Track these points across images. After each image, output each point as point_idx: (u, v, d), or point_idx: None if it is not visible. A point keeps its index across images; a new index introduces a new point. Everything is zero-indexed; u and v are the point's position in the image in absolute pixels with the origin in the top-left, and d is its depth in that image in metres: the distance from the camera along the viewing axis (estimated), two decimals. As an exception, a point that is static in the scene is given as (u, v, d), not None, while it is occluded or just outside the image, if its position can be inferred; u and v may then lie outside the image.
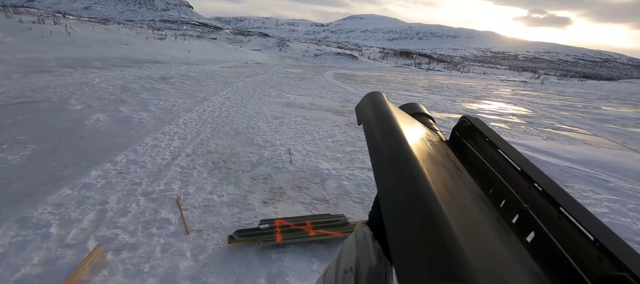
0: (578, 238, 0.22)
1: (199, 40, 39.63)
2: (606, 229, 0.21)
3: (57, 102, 5.11)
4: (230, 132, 4.32)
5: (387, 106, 0.31)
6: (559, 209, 0.24)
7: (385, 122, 0.26)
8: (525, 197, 0.28)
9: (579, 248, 0.21)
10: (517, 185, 0.30)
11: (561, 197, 0.25)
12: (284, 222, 2.09)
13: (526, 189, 0.29)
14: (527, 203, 0.27)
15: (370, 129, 0.27)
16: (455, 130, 0.42)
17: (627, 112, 11.33)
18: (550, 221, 0.25)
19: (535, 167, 0.30)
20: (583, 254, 0.21)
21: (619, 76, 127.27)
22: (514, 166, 0.31)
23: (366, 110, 0.32)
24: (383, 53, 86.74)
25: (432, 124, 0.48)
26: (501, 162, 0.33)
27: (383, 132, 0.25)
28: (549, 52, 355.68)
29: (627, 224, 2.54)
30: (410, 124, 0.31)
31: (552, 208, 0.25)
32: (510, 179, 0.31)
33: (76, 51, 16.18)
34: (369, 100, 0.34)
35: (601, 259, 0.20)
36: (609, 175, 3.72)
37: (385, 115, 0.28)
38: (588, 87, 34.85)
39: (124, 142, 3.52)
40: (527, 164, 0.30)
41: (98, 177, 2.59)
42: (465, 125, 0.41)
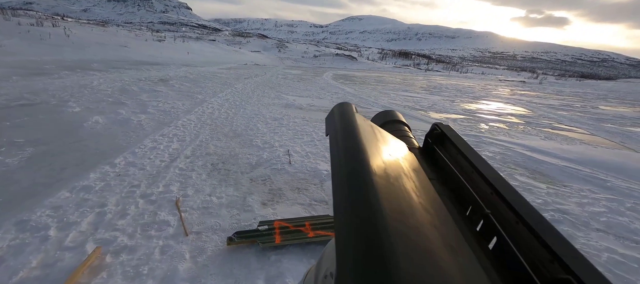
0: (533, 242, 0.23)
1: (198, 42, 39.66)
2: (558, 234, 0.22)
3: (55, 105, 5.10)
4: (229, 133, 4.32)
5: (352, 117, 0.31)
6: (517, 214, 0.25)
7: (347, 136, 0.26)
8: (487, 203, 0.28)
9: (533, 252, 0.22)
10: (480, 191, 0.30)
11: (519, 203, 0.26)
12: (282, 223, 2.10)
13: (488, 195, 0.29)
14: (489, 209, 0.27)
15: (334, 141, 0.27)
16: (427, 137, 0.43)
17: (625, 112, 11.38)
18: (509, 226, 0.25)
19: (497, 174, 0.30)
20: (536, 258, 0.22)
21: (617, 76, 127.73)
22: (479, 172, 0.31)
23: (333, 121, 0.32)
24: (382, 54, 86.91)
25: (405, 132, 0.48)
26: (468, 169, 0.33)
27: (343, 146, 0.25)
28: (547, 52, 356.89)
29: (624, 223, 2.55)
30: (374, 135, 0.31)
31: (510, 214, 0.26)
32: (475, 185, 0.31)
33: (75, 53, 16.17)
34: (337, 111, 0.34)
35: (552, 262, 0.21)
36: (606, 174, 3.74)
37: (347, 126, 0.28)
38: (586, 86, 34.99)
39: (122, 145, 3.51)
40: (490, 170, 0.31)
41: (97, 180, 2.59)
42: (435, 132, 0.42)
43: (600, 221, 2.56)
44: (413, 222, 0.19)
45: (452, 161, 0.36)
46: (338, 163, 0.23)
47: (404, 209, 0.19)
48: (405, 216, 0.19)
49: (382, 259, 0.14)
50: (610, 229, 2.46)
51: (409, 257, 0.15)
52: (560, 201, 2.90)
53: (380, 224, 0.16)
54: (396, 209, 0.18)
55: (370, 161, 0.22)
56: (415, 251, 0.16)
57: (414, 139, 0.47)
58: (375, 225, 0.16)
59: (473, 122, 6.80)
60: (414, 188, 0.26)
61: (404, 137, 0.46)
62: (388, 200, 0.18)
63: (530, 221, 0.24)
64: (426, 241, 0.18)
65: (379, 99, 9.66)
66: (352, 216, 0.17)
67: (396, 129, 0.48)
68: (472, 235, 0.27)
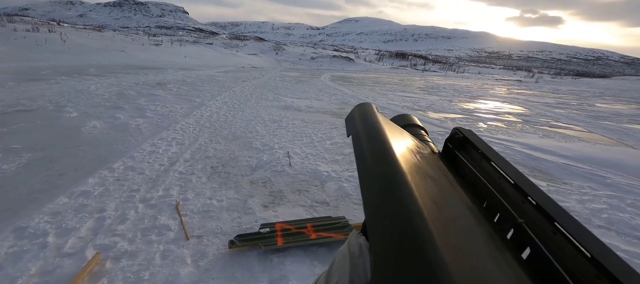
0: (574, 255, 0.21)
1: (195, 46, 39.64)
2: (604, 247, 0.21)
3: (52, 110, 5.06)
4: (228, 136, 4.31)
5: (376, 117, 0.30)
6: (554, 224, 0.23)
7: (373, 135, 0.26)
8: (519, 212, 0.27)
9: (575, 265, 0.21)
10: (510, 199, 0.29)
11: (556, 212, 0.24)
12: (284, 225, 2.08)
13: (520, 203, 0.28)
14: (522, 218, 0.26)
15: (358, 141, 0.26)
16: (447, 142, 0.42)
17: (621, 109, 11.47)
18: (545, 236, 0.24)
19: (528, 181, 0.29)
20: (580, 273, 0.20)
21: (611, 74, 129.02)
22: (508, 179, 0.30)
23: (355, 121, 0.31)
24: (379, 55, 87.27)
25: (424, 136, 0.47)
26: (494, 175, 0.32)
27: (370, 144, 0.24)
28: (542, 51, 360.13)
29: (625, 219, 2.56)
30: (399, 137, 0.31)
31: (547, 223, 0.24)
32: (503, 192, 0.30)
33: (72, 59, 16.10)
34: (358, 111, 0.33)
35: (600, 278, 0.19)
36: (606, 171, 3.76)
37: (373, 127, 0.27)
38: (582, 84, 35.29)
39: (121, 149, 3.49)
40: (520, 177, 0.30)
41: (95, 185, 2.57)
42: (457, 137, 0.40)
43: (602, 218, 2.57)
44: (451, 224, 0.18)
45: (476, 167, 0.35)
46: (367, 165, 0.22)
47: (440, 211, 0.18)
48: (442, 218, 0.17)
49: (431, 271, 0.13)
50: (612, 225, 2.47)
51: (455, 260, 0.14)
52: (561, 198, 2.91)
53: (423, 233, 0.15)
54: (433, 211, 0.17)
55: (400, 162, 0.21)
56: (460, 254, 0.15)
57: (432, 143, 0.46)
58: (419, 234, 0.15)
59: (471, 122, 6.82)
60: (445, 190, 0.26)
61: (423, 141, 0.45)
62: (424, 201, 0.17)
63: (570, 231, 0.22)
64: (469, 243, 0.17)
65: (377, 100, 9.68)
66: (390, 218, 0.16)
67: (414, 133, 0.47)
68: (504, 243, 0.25)
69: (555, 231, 0.23)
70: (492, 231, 0.27)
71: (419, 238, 0.14)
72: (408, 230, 0.15)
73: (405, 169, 0.21)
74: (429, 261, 0.13)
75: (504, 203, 0.28)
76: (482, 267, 0.17)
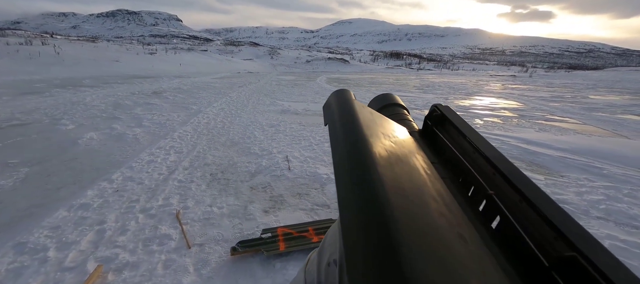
0: (537, 221, 0.22)
1: (190, 53, 39.59)
2: (562, 212, 0.22)
3: (48, 123, 5.03)
4: (226, 142, 4.30)
5: (350, 103, 0.30)
6: (521, 194, 0.25)
7: (347, 123, 0.26)
8: (490, 184, 0.28)
9: (537, 231, 0.22)
10: (482, 172, 0.30)
11: (522, 182, 0.26)
12: (286, 230, 2.08)
13: (491, 175, 0.29)
14: (492, 189, 0.27)
15: (333, 130, 0.26)
16: (426, 119, 0.42)
17: (615, 100, 11.61)
18: (512, 205, 0.25)
19: (500, 154, 0.30)
20: (541, 237, 0.22)
21: (604, 65, 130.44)
22: (481, 152, 0.31)
23: (331, 109, 0.31)
24: (373, 55, 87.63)
25: (404, 115, 0.47)
26: (469, 150, 0.33)
27: (343, 133, 0.25)
28: (534, 46, 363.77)
29: (623, 209, 2.59)
30: (375, 121, 0.31)
31: (514, 193, 0.25)
32: (476, 166, 0.31)
33: (66, 71, 16.01)
34: (334, 99, 0.33)
35: (557, 240, 0.21)
36: (602, 162, 3.80)
37: (348, 115, 0.27)
38: (575, 77, 35.68)
39: (119, 160, 3.47)
40: (491, 150, 0.31)
41: (94, 197, 2.55)
42: (435, 114, 0.41)
43: (600, 209, 2.60)
44: (419, 209, 0.19)
45: (453, 143, 0.36)
46: (339, 153, 0.22)
47: (409, 197, 0.19)
48: (412, 204, 0.18)
49: (392, 251, 0.13)
50: (610, 216, 2.49)
51: (419, 246, 0.15)
52: (559, 191, 2.94)
53: (386, 215, 0.16)
54: (402, 198, 0.18)
55: (372, 150, 0.22)
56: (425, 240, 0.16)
57: (412, 122, 0.47)
58: (381, 217, 0.15)
59: (468, 118, 6.87)
60: (418, 173, 0.26)
61: (403, 120, 0.46)
62: (393, 189, 0.18)
63: (533, 199, 0.24)
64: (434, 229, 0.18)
65: (374, 100, 9.71)
66: (358, 208, 0.16)
67: (394, 112, 0.48)
68: (475, 216, 0.27)
69: (521, 199, 0.24)
70: (465, 204, 0.28)
71: (383, 225, 0.15)
72: (373, 220, 0.15)
73: (377, 154, 0.21)
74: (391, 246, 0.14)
75: (476, 176, 0.29)
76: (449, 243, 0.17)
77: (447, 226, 0.20)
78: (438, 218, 0.20)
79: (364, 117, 0.28)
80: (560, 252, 0.20)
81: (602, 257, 0.18)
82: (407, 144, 0.33)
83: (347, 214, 0.16)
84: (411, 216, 0.17)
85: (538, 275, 0.21)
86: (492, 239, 0.24)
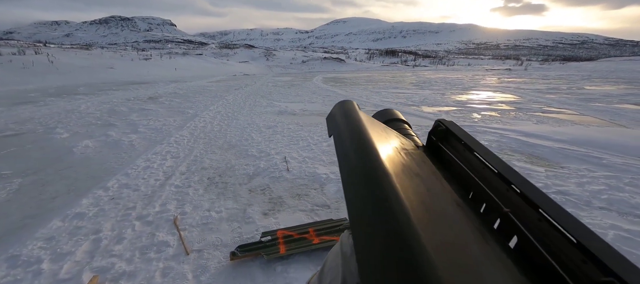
0: (560, 241, 0.21)
1: (185, 57, 39.43)
2: (588, 231, 0.21)
3: (42, 133, 4.96)
4: (223, 146, 4.26)
5: (357, 115, 0.29)
6: (539, 211, 0.23)
7: (355, 134, 0.25)
8: (504, 201, 0.27)
9: (561, 251, 0.21)
10: (495, 188, 0.29)
11: (539, 198, 0.24)
12: (286, 232, 2.05)
13: (504, 192, 0.28)
14: (507, 207, 0.26)
15: (340, 141, 0.25)
16: (431, 134, 0.41)
17: (610, 90, 11.67)
18: (531, 224, 0.24)
19: (512, 169, 0.29)
20: (566, 258, 0.20)
21: (597, 56, 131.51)
22: (491, 168, 0.30)
23: (336, 121, 0.30)
24: (369, 54, 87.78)
25: (407, 130, 0.47)
26: (478, 166, 0.32)
27: (352, 144, 0.24)
28: (528, 39, 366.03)
29: (625, 198, 2.58)
30: (382, 134, 0.30)
31: (531, 211, 0.24)
32: (488, 182, 0.30)
33: (60, 79, 15.88)
34: (338, 110, 0.33)
35: (586, 262, 0.19)
36: (601, 152, 3.79)
37: (355, 125, 0.27)
38: (570, 69, 35.91)
39: (114, 167, 3.42)
40: (503, 166, 0.30)
41: (90, 206, 2.50)
42: (440, 129, 0.40)
43: (602, 199, 2.58)
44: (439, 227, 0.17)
45: (460, 158, 0.35)
46: (350, 166, 0.21)
47: (428, 214, 0.18)
48: (430, 221, 0.17)
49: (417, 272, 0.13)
50: (612, 205, 2.48)
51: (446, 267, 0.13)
52: (560, 182, 2.92)
53: (408, 232, 0.14)
54: (421, 215, 0.16)
55: (385, 163, 0.20)
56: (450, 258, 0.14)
57: (416, 136, 0.46)
58: (404, 233, 0.14)
59: (466, 113, 6.86)
60: (435, 188, 0.25)
61: (407, 135, 0.45)
62: (411, 204, 0.17)
63: (555, 218, 0.22)
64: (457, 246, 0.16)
65: (371, 98, 9.70)
66: (376, 223, 0.15)
67: (397, 128, 0.47)
68: (490, 234, 0.25)
69: (540, 218, 0.23)
70: (479, 223, 0.27)
71: (404, 238, 0.14)
72: (392, 231, 0.14)
73: (389, 167, 0.20)
74: (414, 261, 0.13)
75: (489, 193, 0.28)
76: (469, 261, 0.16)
77: (470, 244, 0.18)
78: (459, 234, 0.18)
79: (372, 130, 0.27)
80: (592, 277, 0.18)
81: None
82: (417, 157, 0.32)
83: (362, 225, 0.15)
84: (430, 225, 0.15)
85: None
86: (512, 260, 0.22)
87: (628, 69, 30.60)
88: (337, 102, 0.35)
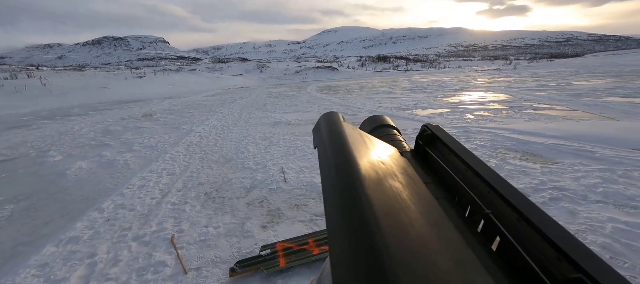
0: (537, 240, 0.22)
1: (179, 73, 39.54)
2: (563, 231, 0.22)
3: (35, 156, 4.89)
4: (219, 160, 4.24)
5: (339, 126, 0.30)
6: (518, 212, 0.24)
7: (336, 146, 0.26)
8: (486, 203, 0.28)
9: (538, 250, 0.22)
10: (478, 191, 0.30)
11: (518, 200, 0.25)
12: (285, 244, 2.02)
13: (486, 194, 0.29)
14: (489, 208, 0.27)
15: (322, 153, 0.26)
16: (418, 139, 0.42)
17: (598, 84, 11.94)
18: (511, 225, 0.25)
19: (493, 172, 0.30)
20: (543, 257, 0.21)
21: (583, 52, 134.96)
22: (474, 171, 0.31)
23: (321, 132, 0.31)
24: (361, 61, 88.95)
25: (395, 136, 0.48)
26: (462, 169, 0.33)
27: (331, 156, 0.24)
28: (515, 39, 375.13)
29: (620, 190, 2.60)
30: (365, 144, 0.31)
31: (511, 212, 0.25)
32: (471, 185, 0.31)
33: (53, 101, 15.77)
34: (323, 121, 0.33)
35: (560, 260, 0.20)
36: (593, 146, 3.85)
37: (336, 137, 0.27)
38: (557, 66, 36.73)
39: (109, 187, 3.37)
40: (485, 168, 0.31)
41: (84, 229, 2.45)
42: (426, 134, 0.41)
43: (598, 192, 2.61)
44: (413, 235, 0.18)
45: (446, 162, 0.36)
46: (329, 178, 0.22)
47: (402, 222, 0.18)
48: (404, 230, 0.17)
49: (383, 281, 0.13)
50: (608, 198, 2.50)
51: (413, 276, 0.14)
52: (556, 178, 2.95)
53: (377, 244, 0.15)
54: (393, 223, 0.17)
55: (361, 173, 0.21)
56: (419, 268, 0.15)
57: (404, 142, 0.47)
58: (372, 246, 0.15)
59: (459, 114, 6.95)
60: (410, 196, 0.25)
61: (394, 141, 0.45)
62: (384, 215, 0.17)
63: (532, 218, 0.23)
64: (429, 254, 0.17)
65: (366, 104, 9.78)
66: (347, 238, 0.15)
67: (385, 133, 0.48)
68: (474, 237, 0.26)
69: (519, 218, 0.24)
70: (463, 225, 0.27)
71: (374, 255, 0.14)
72: (361, 242, 0.15)
73: (367, 178, 0.21)
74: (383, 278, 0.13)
75: (472, 196, 0.29)
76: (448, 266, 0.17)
77: (445, 250, 0.19)
78: (434, 241, 0.19)
79: (353, 140, 0.27)
80: (565, 274, 0.19)
81: (610, 278, 0.18)
82: (398, 165, 0.33)
83: (336, 243, 0.16)
84: (404, 242, 0.16)
85: None
86: (493, 261, 0.23)
87: (613, 63, 31.42)
88: (322, 114, 0.35)
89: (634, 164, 3.15)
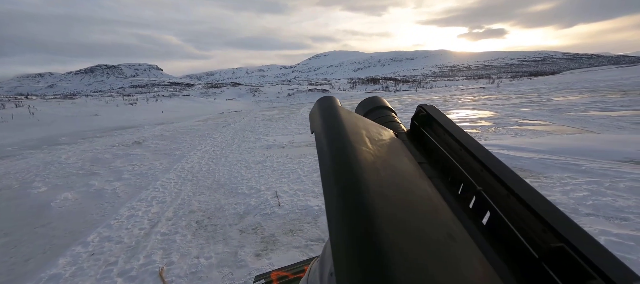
0: (525, 214, 0.23)
1: (172, 99, 39.65)
2: (549, 204, 0.23)
3: (18, 188, 4.70)
4: (212, 186, 4.16)
5: (335, 112, 0.30)
6: (508, 188, 0.25)
7: (332, 130, 0.26)
8: (478, 180, 0.29)
9: (526, 223, 0.23)
10: (471, 169, 0.30)
11: (508, 177, 0.26)
12: (280, 273, 1.95)
13: (479, 171, 0.29)
14: (480, 185, 0.28)
15: (319, 139, 0.27)
16: (413, 120, 0.43)
17: (577, 99, 12.53)
18: (501, 200, 0.26)
19: (485, 150, 0.31)
20: (530, 230, 0.22)
21: (559, 70, 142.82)
22: (467, 150, 0.32)
23: (316, 118, 0.31)
24: (352, 83, 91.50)
25: (391, 117, 0.48)
26: (456, 148, 0.34)
27: (328, 141, 0.25)
28: (496, 59, 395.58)
29: (609, 202, 2.66)
30: (361, 126, 0.31)
31: (502, 188, 0.26)
32: (464, 163, 0.31)
33: (41, 130, 15.43)
34: (318, 106, 0.34)
35: (545, 232, 0.21)
36: (579, 159, 3.97)
37: (332, 122, 0.28)
38: (537, 83, 38.56)
39: (95, 219, 3.24)
40: (478, 147, 0.32)
41: (66, 265, 2.32)
42: (421, 114, 0.41)
43: (588, 205, 2.65)
44: (406, 213, 0.19)
45: (440, 142, 0.36)
46: (325, 162, 0.22)
47: (395, 202, 0.19)
48: (398, 209, 0.19)
49: (378, 259, 0.14)
50: (599, 211, 2.55)
51: (405, 251, 0.15)
52: (546, 192, 3.00)
53: (372, 223, 0.16)
54: (388, 203, 0.18)
55: (357, 156, 0.22)
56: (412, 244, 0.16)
57: (400, 123, 0.47)
58: (367, 225, 0.16)
59: (449, 132, 7.11)
60: (405, 176, 0.26)
61: (390, 122, 0.46)
62: (379, 196, 0.18)
63: (520, 193, 0.24)
64: (421, 231, 0.18)
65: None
66: (344, 217, 0.17)
67: (381, 115, 0.48)
68: (466, 213, 0.27)
69: (509, 193, 0.25)
70: (456, 202, 0.28)
71: (369, 233, 0.15)
72: (358, 229, 0.16)
73: (363, 161, 0.22)
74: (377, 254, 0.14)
75: (465, 174, 0.30)
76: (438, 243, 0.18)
77: (436, 227, 0.20)
78: (426, 219, 0.20)
79: (349, 124, 0.28)
80: (549, 243, 0.20)
81: (589, 246, 0.19)
82: (393, 147, 0.34)
83: (334, 224, 0.17)
84: (397, 221, 0.17)
85: (529, 268, 0.21)
86: (483, 235, 0.24)
87: (589, 79, 33.26)
88: (318, 98, 0.36)
89: (618, 176, 3.25)
